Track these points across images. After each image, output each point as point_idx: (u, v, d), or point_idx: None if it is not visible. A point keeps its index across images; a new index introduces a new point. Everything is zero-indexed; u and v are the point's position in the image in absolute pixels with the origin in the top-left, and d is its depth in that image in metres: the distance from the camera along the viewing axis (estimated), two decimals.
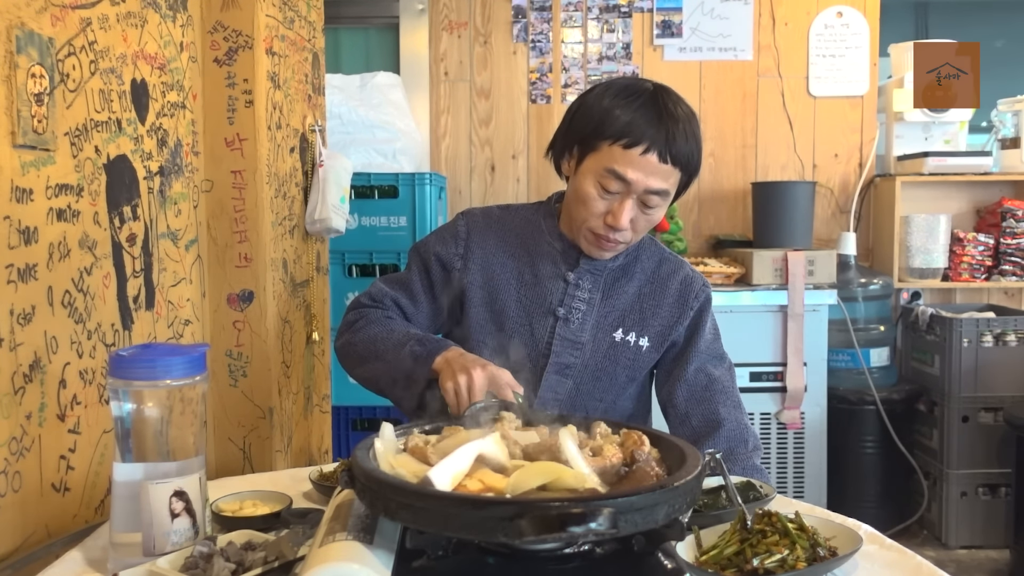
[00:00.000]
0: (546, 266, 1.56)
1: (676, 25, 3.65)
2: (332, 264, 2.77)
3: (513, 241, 1.58)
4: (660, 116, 1.40)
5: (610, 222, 1.44)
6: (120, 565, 1.03)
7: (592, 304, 1.54)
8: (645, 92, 1.43)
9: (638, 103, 1.41)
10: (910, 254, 3.52)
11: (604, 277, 1.55)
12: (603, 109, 1.42)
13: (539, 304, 1.54)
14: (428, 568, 0.91)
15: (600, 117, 1.42)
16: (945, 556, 3.23)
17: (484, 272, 1.56)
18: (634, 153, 1.39)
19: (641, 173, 1.40)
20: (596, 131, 1.42)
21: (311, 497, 1.32)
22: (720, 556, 1.02)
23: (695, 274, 1.62)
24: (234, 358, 1.85)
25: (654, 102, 1.42)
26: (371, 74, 3.31)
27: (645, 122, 1.39)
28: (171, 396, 1.06)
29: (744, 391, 3.11)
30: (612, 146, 1.40)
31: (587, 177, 1.44)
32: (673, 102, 1.44)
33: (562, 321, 1.53)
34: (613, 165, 1.40)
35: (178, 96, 1.67)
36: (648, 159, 1.39)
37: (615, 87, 1.45)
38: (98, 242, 1.39)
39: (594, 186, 1.43)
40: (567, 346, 1.53)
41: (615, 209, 1.43)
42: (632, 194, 1.42)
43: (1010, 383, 3.23)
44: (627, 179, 1.40)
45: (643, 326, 1.55)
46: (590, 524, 0.81)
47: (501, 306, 1.54)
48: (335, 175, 2.17)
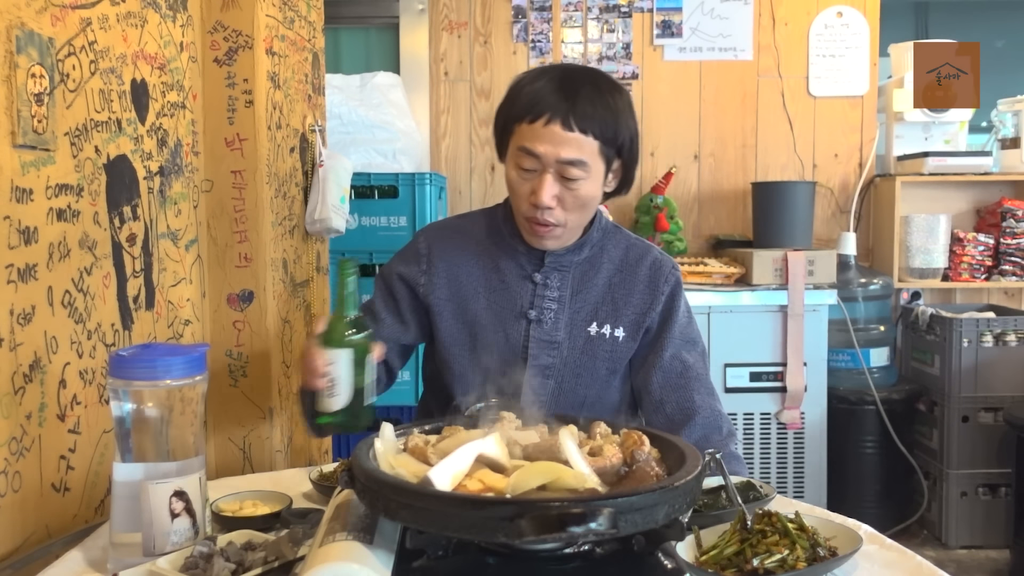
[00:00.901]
0: (512, 269, 1.55)
1: (676, 25, 3.65)
2: (332, 264, 2.77)
3: (475, 249, 1.58)
4: (561, 86, 1.41)
5: (533, 200, 1.43)
6: (120, 565, 1.03)
7: (563, 302, 1.53)
8: (553, 70, 1.46)
9: (543, 80, 1.43)
10: (910, 254, 3.52)
11: (572, 272, 1.55)
12: (512, 95, 1.46)
13: (510, 308, 1.53)
14: (428, 568, 0.91)
15: (510, 102, 1.46)
16: (945, 556, 3.23)
17: (450, 285, 1.56)
18: (538, 126, 1.39)
19: (549, 144, 1.39)
20: (508, 115, 1.45)
21: (311, 497, 1.32)
22: (720, 556, 1.02)
23: (664, 257, 1.60)
24: (234, 358, 1.85)
25: (558, 76, 1.43)
26: (371, 74, 3.31)
27: (547, 93, 1.40)
28: (171, 396, 1.06)
29: (744, 391, 3.17)
30: (520, 125, 1.42)
31: (509, 163, 1.47)
32: (582, 75, 1.45)
33: (535, 323, 1.52)
34: (522, 142, 1.41)
35: (178, 96, 1.67)
36: (552, 129, 1.39)
37: (526, 75, 1.48)
38: (98, 242, 1.39)
39: (514, 169, 1.45)
40: (543, 347, 1.52)
41: (535, 186, 1.42)
42: (548, 168, 1.41)
43: (1010, 383, 3.23)
44: (536, 152, 1.40)
45: (617, 316, 1.54)
46: (590, 524, 0.81)
47: (472, 316, 1.54)
48: (335, 175, 2.17)
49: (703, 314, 3.04)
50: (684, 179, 3.69)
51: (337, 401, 1.30)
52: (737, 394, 3.10)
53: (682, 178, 3.68)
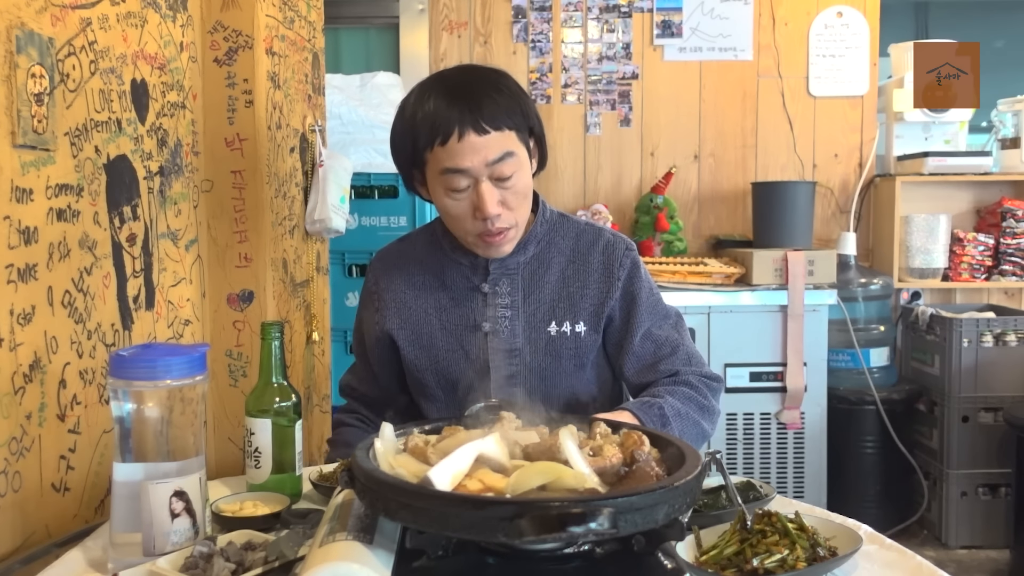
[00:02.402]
0: (458, 283, 1.52)
1: (676, 25, 3.65)
2: (332, 264, 2.77)
3: (419, 270, 1.55)
4: (451, 96, 1.35)
5: (480, 216, 1.38)
6: (120, 565, 1.03)
7: (515, 307, 1.49)
8: (429, 85, 1.40)
9: (432, 99, 1.36)
10: (910, 254, 3.52)
11: (520, 275, 1.50)
12: (406, 126, 1.40)
13: (463, 324, 1.50)
14: (428, 568, 0.91)
15: (409, 133, 1.39)
16: (945, 556, 3.23)
17: (400, 313, 1.53)
18: (452, 143, 1.34)
19: (472, 155, 1.34)
20: (414, 148, 1.39)
21: (311, 497, 1.32)
22: (720, 556, 1.02)
23: (616, 239, 1.54)
24: (234, 358, 1.85)
25: (440, 88, 1.37)
26: (371, 74, 3.31)
27: (444, 109, 1.34)
28: (171, 396, 1.06)
29: (744, 391, 3.17)
30: (432, 151, 1.36)
31: (436, 191, 1.40)
32: (465, 76, 1.40)
33: (491, 334, 1.48)
34: (444, 164, 1.35)
35: (178, 96, 1.67)
36: (468, 140, 1.33)
37: (407, 103, 1.42)
38: (98, 242, 1.39)
39: (445, 194, 1.39)
40: (504, 357, 1.48)
41: (476, 202, 1.37)
42: (480, 178, 1.36)
43: (1010, 383, 3.23)
44: (463, 168, 1.35)
45: (575, 311, 1.49)
46: (590, 524, 0.81)
47: (428, 339, 1.51)
48: (335, 175, 2.17)
49: (703, 314, 3.05)
50: (684, 179, 3.69)
51: (261, 473, 1.28)
52: (737, 394, 3.10)
53: (682, 178, 3.68)
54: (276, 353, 1.30)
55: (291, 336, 2.06)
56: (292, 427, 1.29)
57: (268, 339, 1.30)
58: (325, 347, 2.37)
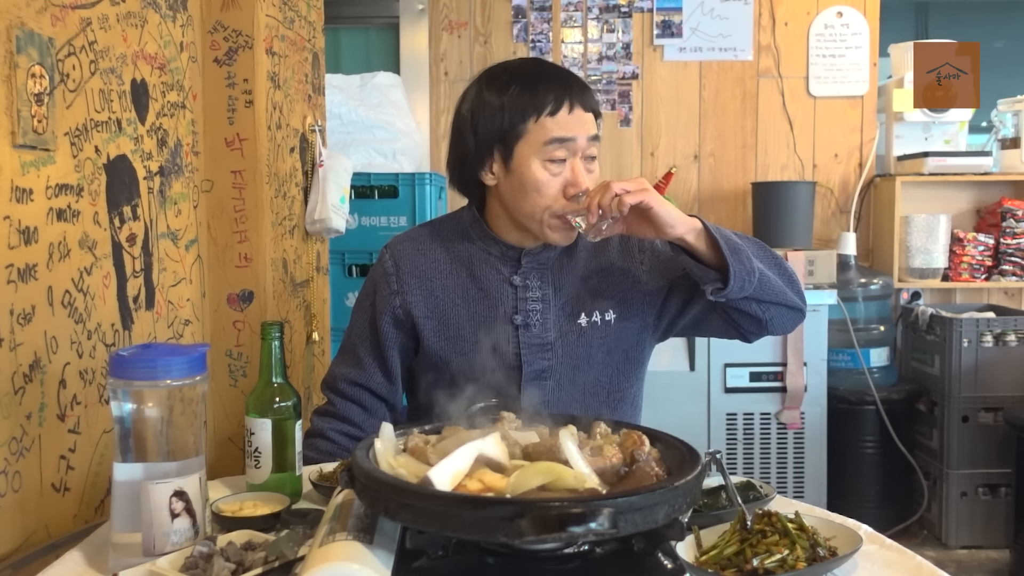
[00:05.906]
0: (488, 274, 1.49)
1: (676, 25, 3.65)
2: (332, 264, 2.77)
3: (446, 257, 1.51)
4: (557, 75, 1.42)
5: (573, 191, 1.39)
6: (120, 565, 1.03)
7: (547, 301, 1.48)
8: (528, 66, 1.46)
9: (531, 77, 1.42)
10: (910, 254, 3.52)
11: (550, 269, 1.49)
12: (508, 98, 1.41)
13: (493, 316, 1.47)
14: (428, 568, 0.91)
15: (511, 106, 1.41)
16: (945, 556, 3.23)
17: (427, 300, 1.49)
18: (563, 114, 1.39)
19: (580, 127, 1.40)
20: (515, 118, 1.40)
21: (311, 497, 1.32)
22: (720, 556, 1.02)
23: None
24: (234, 358, 1.85)
25: (541, 70, 1.44)
26: (371, 74, 3.31)
27: (553, 84, 1.40)
28: (171, 396, 1.06)
29: (744, 391, 3.16)
30: (539, 120, 1.39)
31: (529, 163, 1.40)
32: (537, 62, 1.48)
33: (523, 328, 1.46)
34: (552, 134, 1.39)
35: (178, 96, 1.67)
36: (577, 113, 1.40)
37: (492, 82, 1.44)
38: (98, 242, 1.39)
39: (541, 167, 1.40)
40: (536, 351, 1.46)
41: (570, 177, 1.40)
42: (576, 154, 1.40)
43: (1010, 383, 3.23)
44: (573, 137, 1.39)
45: (604, 300, 1.49)
46: (590, 524, 0.81)
47: (455, 330, 1.48)
48: (335, 175, 2.17)
49: None
50: (684, 179, 3.69)
51: (261, 473, 1.28)
52: (737, 394, 3.10)
53: (682, 178, 3.68)
54: (276, 353, 1.30)
55: (291, 336, 2.06)
56: (292, 427, 1.29)
57: (268, 339, 1.30)
58: (325, 347, 2.37)
